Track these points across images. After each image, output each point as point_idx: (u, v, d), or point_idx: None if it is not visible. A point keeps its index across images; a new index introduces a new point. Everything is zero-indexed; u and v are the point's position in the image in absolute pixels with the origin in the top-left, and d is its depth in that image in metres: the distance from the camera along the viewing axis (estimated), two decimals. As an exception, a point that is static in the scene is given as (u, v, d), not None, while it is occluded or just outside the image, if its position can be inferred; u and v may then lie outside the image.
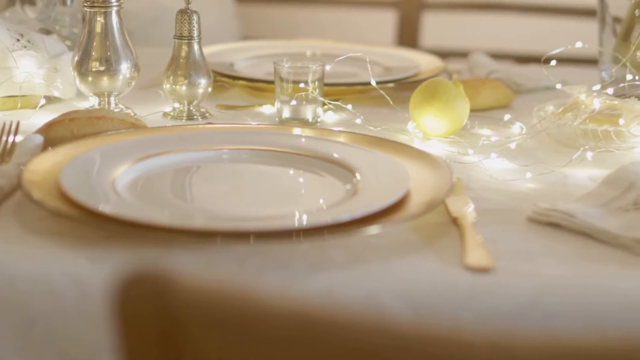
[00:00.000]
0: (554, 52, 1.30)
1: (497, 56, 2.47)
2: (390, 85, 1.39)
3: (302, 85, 1.24)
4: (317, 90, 1.26)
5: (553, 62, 1.29)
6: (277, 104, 1.28)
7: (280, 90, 1.27)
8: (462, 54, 2.02)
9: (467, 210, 0.95)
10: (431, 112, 1.20)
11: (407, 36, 2.43)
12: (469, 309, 0.79)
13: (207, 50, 1.54)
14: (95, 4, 1.25)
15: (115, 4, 1.25)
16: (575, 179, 1.09)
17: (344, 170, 1.01)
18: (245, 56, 1.55)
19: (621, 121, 1.15)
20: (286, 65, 1.26)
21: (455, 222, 0.93)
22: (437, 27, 2.53)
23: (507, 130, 1.27)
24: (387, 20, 2.54)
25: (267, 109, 1.33)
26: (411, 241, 0.89)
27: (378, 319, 0.81)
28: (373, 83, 1.25)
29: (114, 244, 0.84)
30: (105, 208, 0.85)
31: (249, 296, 0.56)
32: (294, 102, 1.25)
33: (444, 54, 2.09)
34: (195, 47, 1.28)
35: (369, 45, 1.67)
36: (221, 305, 0.55)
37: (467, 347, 0.69)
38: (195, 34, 1.27)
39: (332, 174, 1.01)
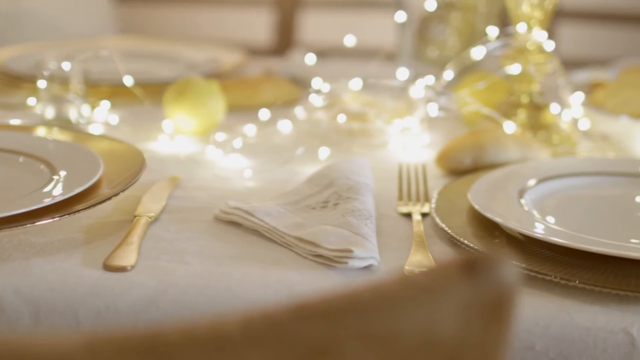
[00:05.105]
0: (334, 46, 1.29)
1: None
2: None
3: (43, 85, 1.24)
4: (80, 89, 1.25)
5: (313, 57, 1.28)
6: (41, 104, 1.27)
7: (46, 90, 1.26)
8: (342, 52, 2.01)
9: (152, 209, 0.95)
10: (181, 109, 1.19)
11: (285, 35, 2.42)
12: (88, 307, 0.78)
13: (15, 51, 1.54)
14: None
15: None
16: (304, 177, 1.08)
17: (47, 168, 1.00)
18: (54, 55, 1.54)
19: (340, 118, 1.14)
20: (49, 65, 1.26)
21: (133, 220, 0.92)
22: (314, 25, 2.53)
23: (270, 127, 1.26)
24: (265, 19, 2.53)
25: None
26: (73, 240, 0.88)
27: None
28: (128, 83, 1.24)
29: None
30: None
31: None
32: (29, 101, 1.25)
33: (321, 52, 2.09)
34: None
35: (188, 44, 1.67)
36: None
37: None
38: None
39: (33, 172, 1.00)
